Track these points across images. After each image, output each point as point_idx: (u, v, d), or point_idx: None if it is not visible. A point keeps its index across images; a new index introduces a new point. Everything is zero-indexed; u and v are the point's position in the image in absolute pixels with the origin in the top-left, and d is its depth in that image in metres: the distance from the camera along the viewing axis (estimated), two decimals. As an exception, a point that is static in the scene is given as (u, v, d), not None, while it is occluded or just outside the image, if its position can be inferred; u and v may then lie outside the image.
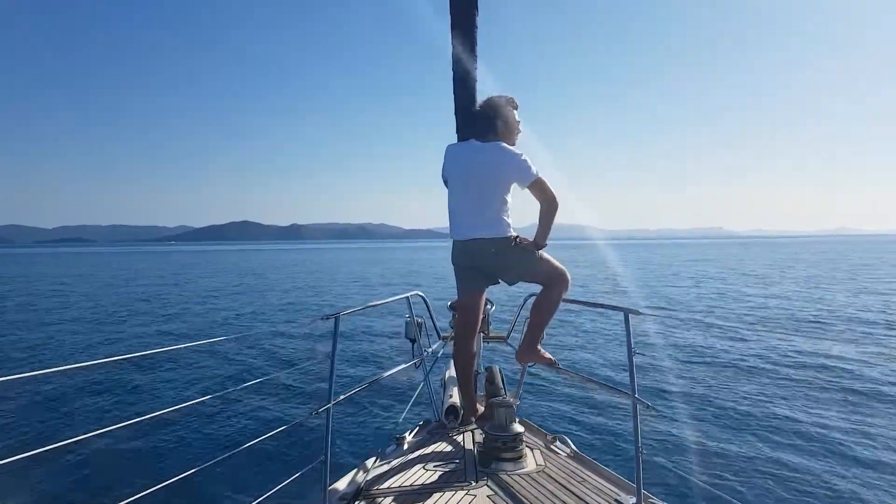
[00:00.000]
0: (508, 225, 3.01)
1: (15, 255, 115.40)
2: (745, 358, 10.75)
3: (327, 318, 2.52)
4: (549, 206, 2.98)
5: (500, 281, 3.17)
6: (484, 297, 3.28)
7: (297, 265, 58.09)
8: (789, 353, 11.15)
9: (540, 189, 2.96)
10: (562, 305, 3.12)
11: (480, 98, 3.44)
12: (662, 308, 19.20)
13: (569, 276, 3.08)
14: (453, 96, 3.65)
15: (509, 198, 3.04)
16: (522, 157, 2.96)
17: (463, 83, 3.60)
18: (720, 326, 14.88)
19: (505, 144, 3.06)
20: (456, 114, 3.64)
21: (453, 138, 3.54)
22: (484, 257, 3.02)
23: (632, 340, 2.42)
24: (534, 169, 2.95)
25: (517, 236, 3.02)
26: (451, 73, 3.64)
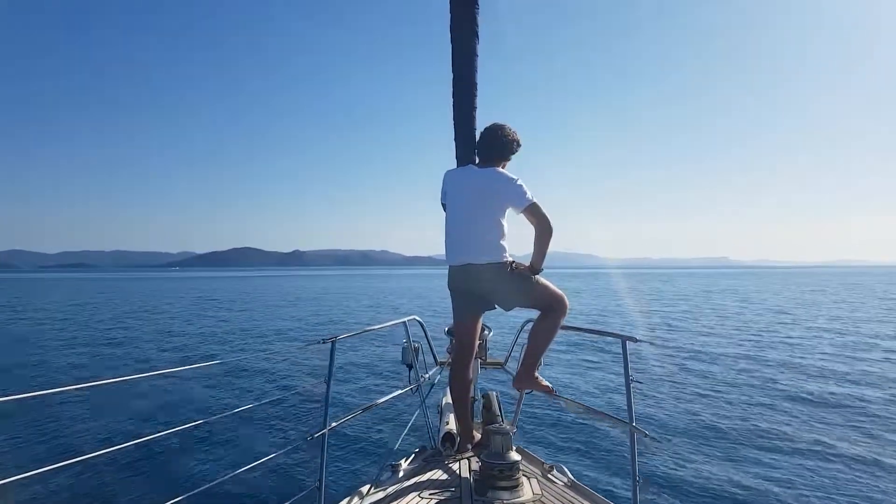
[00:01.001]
0: (504, 250, 3.01)
1: (17, 280, 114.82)
2: (745, 386, 10.68)
3: (324, 342, 2.52)
4: (543, 230, 2.98)
5: (496, 307, 3.17)
6: (480, 322, 3.26)
7: (297, 291, 57.96)
8: (791, 383, 11.08)
9: (534, 213, 2.96)
10: (559, 332, 3.10)
11: (481, 124, 3.48)
12: (661, 336, 19.12)
13: (567, 302, 3.06)
14: (453, 122, 3.70)
15: (506, 223, 3.04)
16: (518, 182, 2.98)
17: (463, 109, 3.65)
18: (718, 354, 14.81)
19: (501, 169, 3.10)
20: (455, 140, 3.69)
21: (454, 165, 3.58)
22: (479, 282, 3.02)
23: (629, 368, 2.41)
24: (529, 194, 2.96)
25: (513, 261, 3.03)
26: (451, 99, 3.69)
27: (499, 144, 3.16)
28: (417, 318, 3.71)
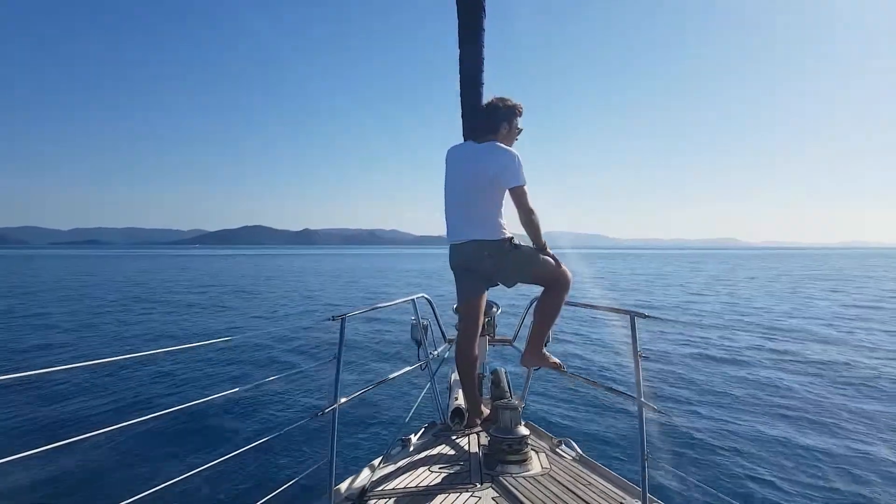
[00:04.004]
0: (503, 227, 2.99)
1: (31, 256, 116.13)
2: (754, 362, 10.68)
3: (334, 319, 2.53)
4: (526, 217, 2.95)
5: (499, 284, 3.16)
6: (484, 299, 3.25)
7: (308, 269, 58.22)
8: (800, 360, 11.06)
9: (519, 197, 2.92)
10: (568, 308, 3.09)
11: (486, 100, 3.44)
12: (670, 312, 19.09)
13: (570, 277, 3.04)
14: (460, 100, 3.66)
15: (503, 199, 3.01)
16: (515, 159, 2.93)
17: (470, 86, 3.60)
18: (726, 331, 14.78)
19: (500, 144, 3.04)
20: (463, 117, 3.65)
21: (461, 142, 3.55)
22: (479, 260, 3.00)
23: (638, 344, 2.41)
24: (522, 176, 2.92)
25: (512, 237, 3.00)
26: (459, 76, 3.64)
27: (489, 112, 3.12)
28: (426, 295, 3.72)
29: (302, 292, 28.43)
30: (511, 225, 3.05)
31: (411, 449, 3.02)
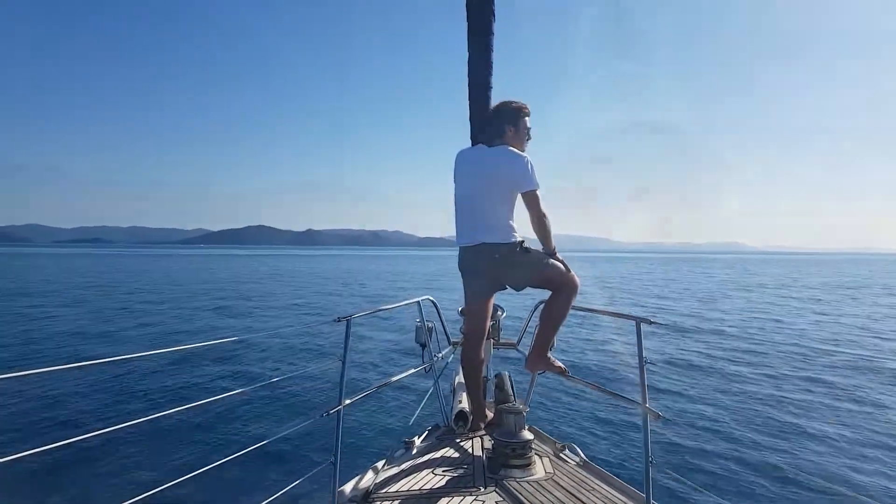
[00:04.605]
0: (513, 230, 2.99)
1: (35, 255, 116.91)
2: (759, 370, 10.62)
3: (339, 321, 2.53)
4: (538, 221, 2.97)
5: (507, 287, 3.16)
6: (492, 303, 3.26)
7: (311, 270, 58.27)
8: (804, 368, 10.99)
9: (532, 201, 2.94)
10: (573, 312, 3.09)
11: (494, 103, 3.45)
12: (676, 319, 19.02)
13: (578, 282, 3.03)
14: (468, 102, 3.66)
15: (514, 203, 3.01)
16: (528, 163, 2.94)
17: (478, 89, 3.60)
18: (732, 338, 14.72)
19: (512, 148, 3.04)
20: (471, 120, 3.65)
21: (468, 145, 3.55)
22: (489, 263, 2.99)
23: (643, 350, 2.41)
24: (535, 179, 2.93)
25: (522, 241, 3.01)
26: (467, 79, 3.64)
27: (503, 115, 3.14)
28: (431, 298, 3.73)
29: (305, 293, 28.49)
30: (521, 228, 3.06)
31: (415, 451, 3.02)
